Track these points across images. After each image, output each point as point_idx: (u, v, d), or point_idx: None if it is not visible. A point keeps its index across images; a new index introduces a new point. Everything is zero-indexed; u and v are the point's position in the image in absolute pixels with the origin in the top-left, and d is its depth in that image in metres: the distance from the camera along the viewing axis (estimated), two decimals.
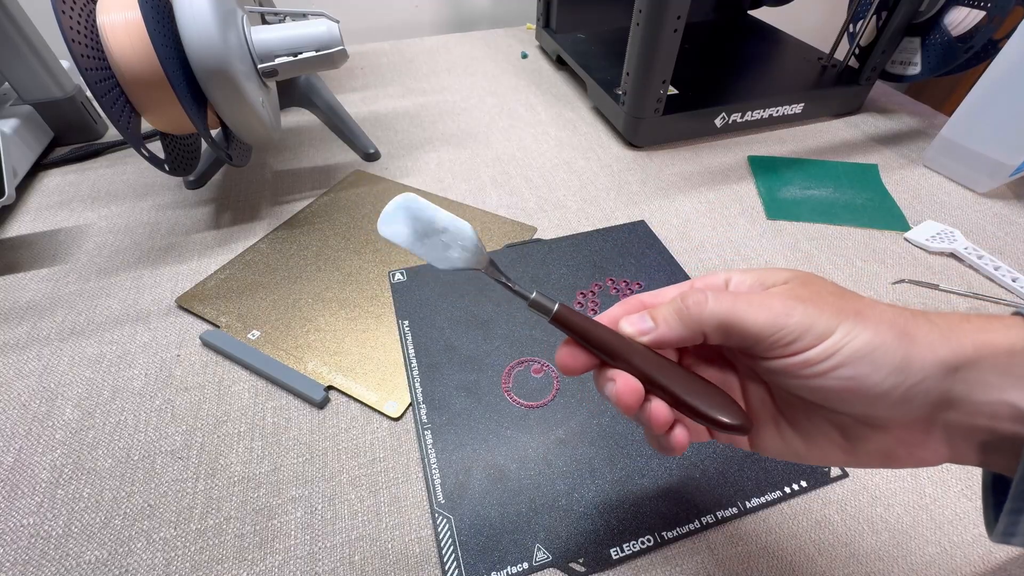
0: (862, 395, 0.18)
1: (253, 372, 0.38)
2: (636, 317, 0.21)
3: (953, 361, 0.17)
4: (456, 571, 0.28)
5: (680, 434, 0.21)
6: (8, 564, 0.29)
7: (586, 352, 0.22)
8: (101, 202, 0.53)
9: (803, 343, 0.18)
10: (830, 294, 0.19)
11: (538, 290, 0.22)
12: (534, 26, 0.86)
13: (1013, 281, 0.43)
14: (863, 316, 0.18)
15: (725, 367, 0.23)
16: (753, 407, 0.22)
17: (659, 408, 0.20)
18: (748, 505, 0.31)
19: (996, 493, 0.19)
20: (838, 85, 0.63)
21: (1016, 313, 0.18)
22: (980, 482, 0.32)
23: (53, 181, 0.55)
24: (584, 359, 0.22)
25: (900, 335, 0.18)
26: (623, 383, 0.20)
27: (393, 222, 0.22)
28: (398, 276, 0.44)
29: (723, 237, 0.49)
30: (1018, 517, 0.17)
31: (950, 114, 0.55)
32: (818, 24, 0.99)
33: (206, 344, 0.39)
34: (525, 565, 0.29)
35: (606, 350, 0.21)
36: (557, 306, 0.21)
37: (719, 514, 0.31)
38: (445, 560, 0.29)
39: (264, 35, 0.43)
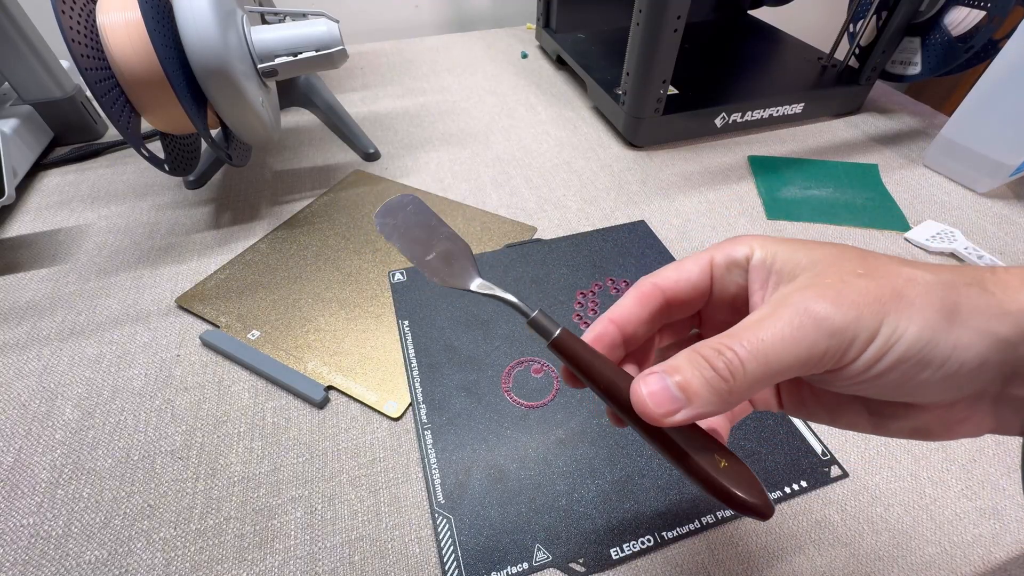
0: (906, 391, 0.16)
1: (253, 372, 0.38)
2: (658, 387, 0.16)
3: (1015, 337, 0.15)
4: (456, 571, 0.28)
5: None
6: (8, 564, 0.29)
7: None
8: (101, 202, 0.53)
9: (846, 358, 0.16)
10: (859, 277, 0.16)
11: (542, 309, 0.20)
12: (534, 26, 0.86)
13: None
14: (906, 301, 0.15)
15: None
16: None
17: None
18: None
19: None
20: (838, 85, 0.63)
21: None
22: (981, 479, 0.32)
23: (53, 181, 0.55)
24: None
25: (950, 317, 0.15)
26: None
27: (392, 215, 0.22)
28: (398, 276, 0.44)
29: (723, 237, 0.49)
30: None
31: (950, 114, 0.55)
32: (818, 24, 0.99)
33: (206, 344, 0.39)
34: (525, 565, 0.29)
35: (610, 395, 0.18)
36: (559, 331, 0.19)
37: (719, 514, 0.31)
38: (445, 560, 0.29)
39: (264, 35, 0.43)
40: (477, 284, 0.21)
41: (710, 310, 0.21)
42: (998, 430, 0.17)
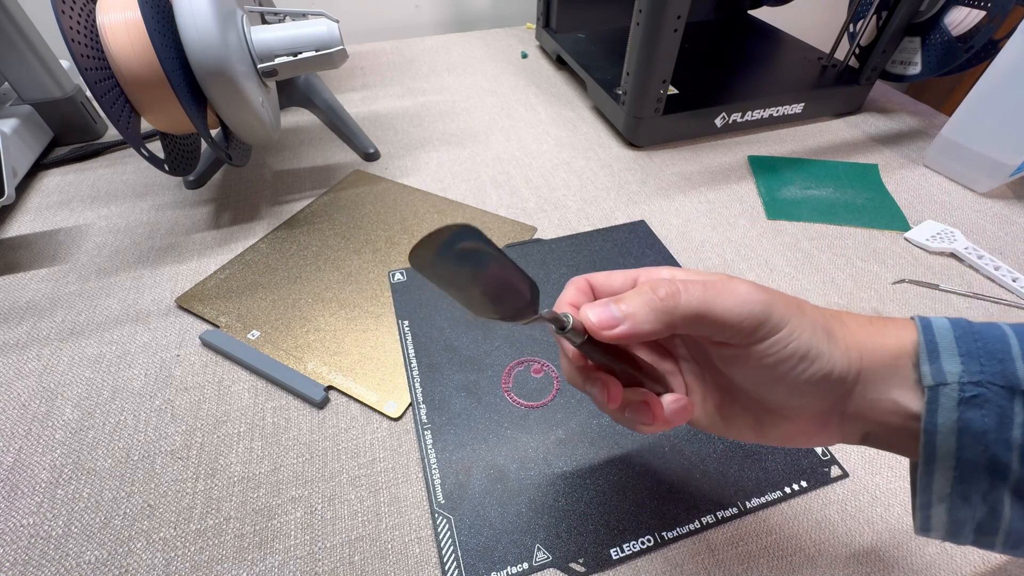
0: (792, 386, 0.20)
1: (253, 372, 0.38)
2: (601, 308, 0.20)
3: (858, 364, 0.19)
4: (456, 571, 0.28)
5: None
6: (8, 564, 0.29)
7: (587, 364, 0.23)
8: (101, 202, 0.53)
9: (763, 331, 0.19)
10: (774, 292, 0.20)
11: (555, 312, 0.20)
12: (534, 26, 0.86)
13: (1013, 281, 0.43)
14: (803, 312, 0.20)
15: (664, 354, 0.25)
16: (688, 388, 0.25)
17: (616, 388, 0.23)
18: (748, 505, 0.31)
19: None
20: (838, 85, 0.63)
21: (912, 317, 0.20)
22: None
23: (53, 181, 0.55)
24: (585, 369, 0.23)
25: (828, 336, 0.20)
26: (614, 387, 0.22)
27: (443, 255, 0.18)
28: (398, 276, 0.44)
29: (723, 237, 0.49)
30: (928, 512, 0.19)
31: (950, 114, 0.55)
32: (818, 24, 0.99)
33: (206, 344, 0.39)
34: (525, 565, 0.29)
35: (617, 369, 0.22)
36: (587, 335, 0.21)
37: (719, 514, 0.31)
38: (445, 560, 0.29)
39: (264, 35, 0.43)
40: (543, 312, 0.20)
41: None
42: (845, 441, 0.22)
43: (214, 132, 0.48)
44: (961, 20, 0.55)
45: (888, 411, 0.19)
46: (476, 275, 0.19)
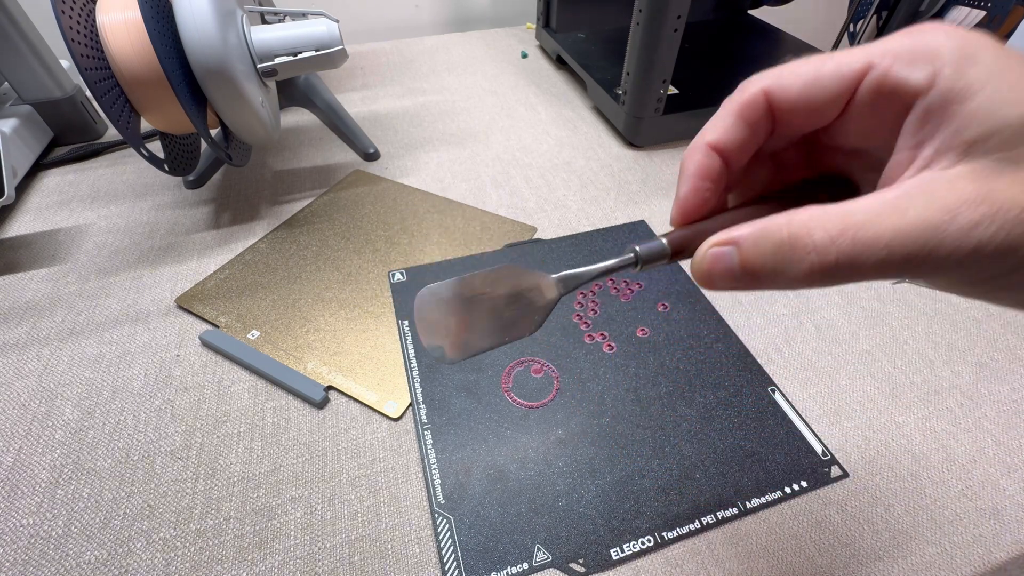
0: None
1: (253, 372, 0.38)
2: (723, 268, 0.15)
3: None
4: (456, 571, 0.28)
5: None
6: (8, 564, 0.29)
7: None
8: (101, 202, 0.53)
9: (1012, 277, 0.12)
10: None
11: (632, 245, 0.17)
12: (534, 26, 0.86)
13: None
14: None
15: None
16: None
17: None
18: (748, 505, 0.31)
19: None
20: None
21: None
22: (981, 479, 0.32)
23: (53, 181, 0.55)
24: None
25: None
26: None
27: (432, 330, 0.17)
28: (398, 276, 0.44)
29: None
30: None
31: None
32: (818, 24, 0.99)
33: (206, 344, 0.39)
34: (525, 565, 0.29)
35: None
36: (667, 244, 0.17)
37: (719, 514, 0.31)
38: (445, 560, 0.29)
39: (264, 35, 0.43)
40: (560, 288, 0.18)
41: (827, 142, 0.17)
42: None
43: (214, 132, 0.48)
44: (961, 20, 0.55)
45: None
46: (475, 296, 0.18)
